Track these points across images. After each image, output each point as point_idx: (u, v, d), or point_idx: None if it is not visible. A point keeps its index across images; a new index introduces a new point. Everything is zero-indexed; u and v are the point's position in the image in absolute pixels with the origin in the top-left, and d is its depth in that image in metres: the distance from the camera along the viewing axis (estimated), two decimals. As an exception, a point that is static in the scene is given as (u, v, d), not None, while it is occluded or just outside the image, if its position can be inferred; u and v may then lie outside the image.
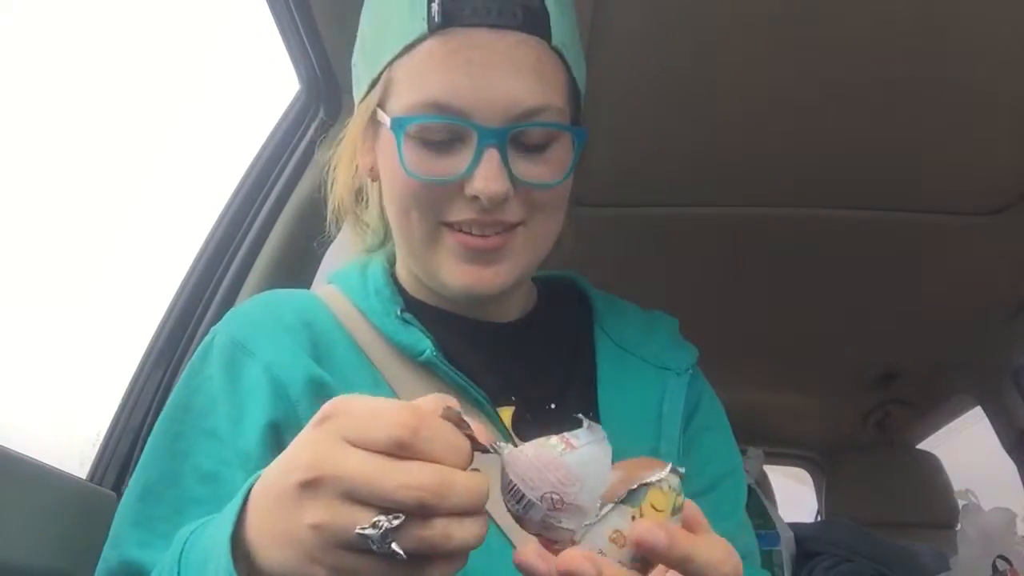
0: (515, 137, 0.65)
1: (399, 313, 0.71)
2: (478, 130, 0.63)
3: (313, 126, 1.26)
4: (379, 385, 0.68)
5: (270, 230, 1.25)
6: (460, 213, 0.66)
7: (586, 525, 0.42)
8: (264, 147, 1.28)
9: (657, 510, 0.42)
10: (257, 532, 0.44)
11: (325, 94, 1.24)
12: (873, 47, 1.06)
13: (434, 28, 0.64)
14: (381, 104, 0.68)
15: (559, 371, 0.76)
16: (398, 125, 0.65)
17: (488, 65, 0.64)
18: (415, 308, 0.73)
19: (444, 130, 0.65)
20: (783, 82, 1.14)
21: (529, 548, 0.43)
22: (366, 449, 0.40)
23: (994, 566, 1.61)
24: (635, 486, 0.42)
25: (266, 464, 0.47)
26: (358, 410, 0.42)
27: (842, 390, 2.31)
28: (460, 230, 0.66)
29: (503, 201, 0.64)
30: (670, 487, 0.43)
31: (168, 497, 0.63)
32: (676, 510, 0.43)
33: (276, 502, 0.43)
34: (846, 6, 0.99)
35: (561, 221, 0.72)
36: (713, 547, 0.43)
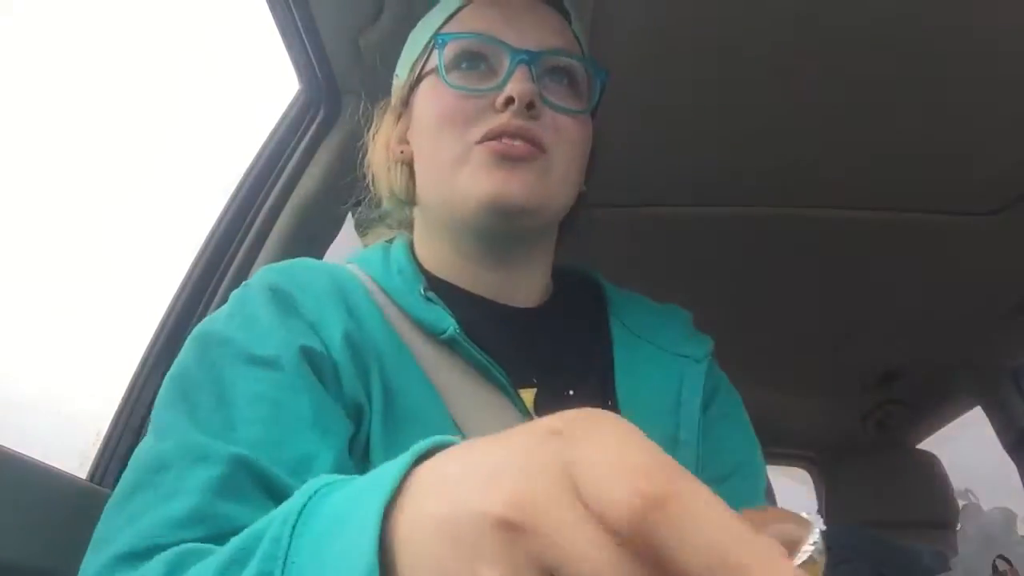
0: (544, 66, 0.71)
1: (422, 292, 0.71)
2: (510, 50, 0.70)
3: (313, 126, 1.26)
4: (407, 361, 0.67)
5: (270, 230, 1.24)
6: (491, 123, 0.69)
7: None
8: (264, 147, 1.27)
9: None
10: (407, 540, 0.30)
11: (325, 94, 1.24)
12: (874, 47, 1.06)
13: None
14: (422, 67, 0.76)
15: (577, 358, 0.76)
16: (440, 41, 0.72)
17: (522, 14, 0.73)
18: (436, 288, 0.73)
19: (480, 52, 0.72)
20: (784, 83, 1.14)
21: None
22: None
23: (994, 566, 1.61)
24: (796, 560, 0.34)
25: None
26: (600, 460, 0.26)
27: (842, 390, 2.31)
28: (491, 139, 0.68)
29: (533, 109, 0.68)
30: (819, 552, 0.34)
31: (219, 418, 0.57)
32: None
33: (451, 525, 0.28)
34: (847, 6, 0.99)
35: (581, 172, 0.75)
36: None
